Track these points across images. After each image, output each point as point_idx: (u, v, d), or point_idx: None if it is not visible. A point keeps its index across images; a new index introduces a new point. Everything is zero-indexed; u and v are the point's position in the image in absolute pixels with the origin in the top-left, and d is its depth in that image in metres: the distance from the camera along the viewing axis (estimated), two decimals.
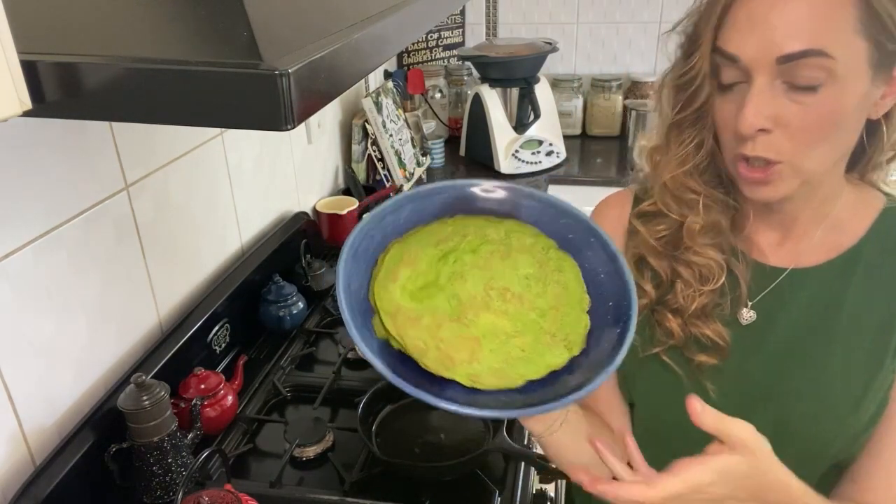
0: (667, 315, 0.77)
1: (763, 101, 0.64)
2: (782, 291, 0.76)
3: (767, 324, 0.76)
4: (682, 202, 0.76)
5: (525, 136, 2.28)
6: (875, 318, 0.72)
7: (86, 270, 1.03)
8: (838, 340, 0.73)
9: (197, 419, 1.07)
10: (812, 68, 0.62)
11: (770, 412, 0.74)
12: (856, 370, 0.72)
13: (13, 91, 0.47)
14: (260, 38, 0.49)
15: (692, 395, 0.61)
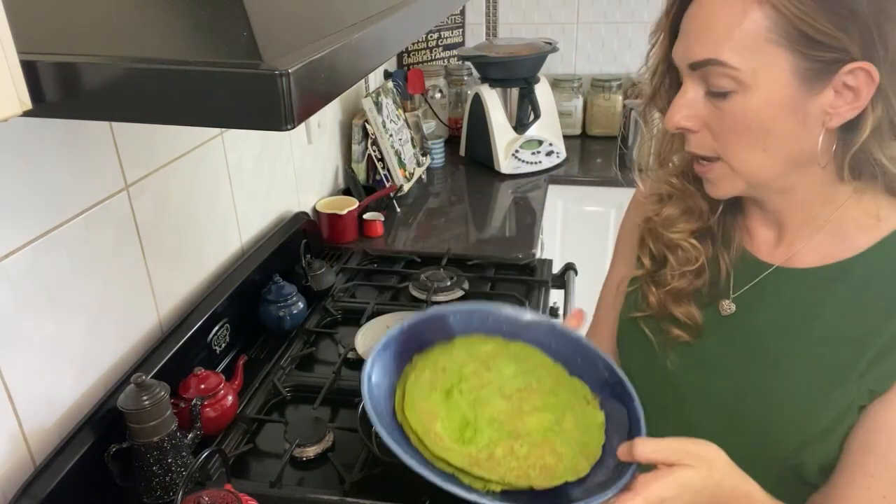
0: (651, 287, 0.83)
1: (685, 103, 0.69)
2: (765, 287, 0.77)
3: (746, 317, 0.78)
4: (664, 193, 0.82)
5: (525, 136, 2.28)
6: (849, 335, 0.71)
7: (86, 270, 1.03)
8: (807, 347, 0.73)
9: (197, 419, 1.07)
10: (718, 76, 0.65)
11: (724, 400, 0.77)
12: (816, 380, 0.72)
13: (13, 91, 0.47)
14: (260, 38, 0.49)
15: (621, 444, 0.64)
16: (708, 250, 0.80)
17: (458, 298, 1.52)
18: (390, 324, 1.40)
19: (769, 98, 0.65)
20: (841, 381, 0.70)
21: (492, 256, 1.72)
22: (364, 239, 1.86)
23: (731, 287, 0.79)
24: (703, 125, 0.70)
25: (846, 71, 0.63)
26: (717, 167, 0.72)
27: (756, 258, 0.79)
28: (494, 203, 2.13)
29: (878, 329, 0.69)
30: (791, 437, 0.72)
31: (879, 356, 0.68)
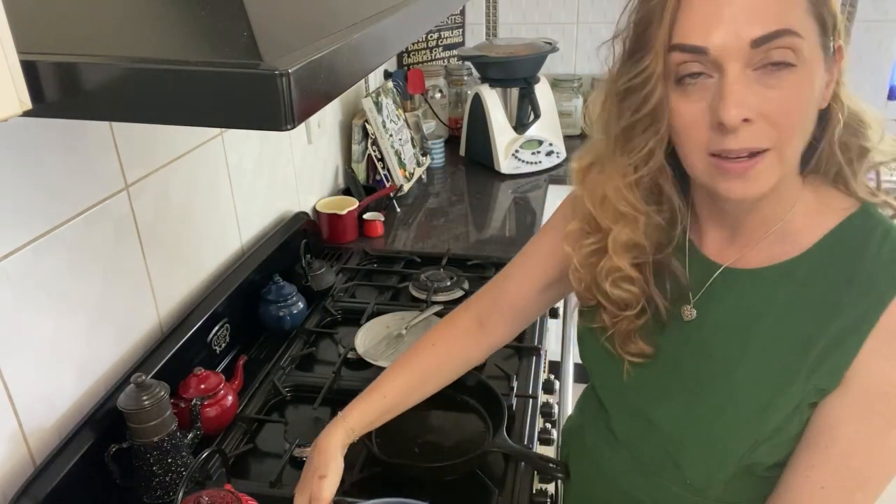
0: (603, 311, 0.80)
1: (741, 90, 0.62)
2: (715, 288, 0.76)
3: (705, 322, 0.77)
4: (618, 214, 0.75)
5: (525, 136, 2.28)
6: (795, 334, 0.70)
7: (86, 270, 1.03)
8: (754, 347, 0.72)
9: (197, 419, 1.07)
10: (784, 50, 0.61)
11: (682, 401, 0.77)
12: (765, 380, 0.71)
13: (13, 91, 0.47)
14: (260, 38, 0.49)
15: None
16: (643, 286, 0.76)
17: (458, 298, 1.52)
18: (390, 324, 1.40)
19: (818, 71, 0.63)
20: (789, 381, 0.69)
21: (492, 256, 1.72)
22: (364, 239, 1.86)
23: (691, 292, 0.77)
24: (758, 113, 0.62)
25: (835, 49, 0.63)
26: (768, 158, 0.64)
27: (707, 258, 0.77)
28: (494, 203, 2.13)
29: (822, 327, 0.68)
30: (744, 437, 0.72)
31: (824, 354, 0.68)
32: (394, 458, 1.05)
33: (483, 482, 1.03)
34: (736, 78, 0.62)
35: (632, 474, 0.84)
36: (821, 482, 0.69)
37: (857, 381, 0.67)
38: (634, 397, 0.81)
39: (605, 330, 0.81)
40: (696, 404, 0.76)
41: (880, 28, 2.44)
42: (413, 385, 0.98)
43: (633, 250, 0.76)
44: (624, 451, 0.85)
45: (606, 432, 0.87)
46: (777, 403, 0.70)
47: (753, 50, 0.61)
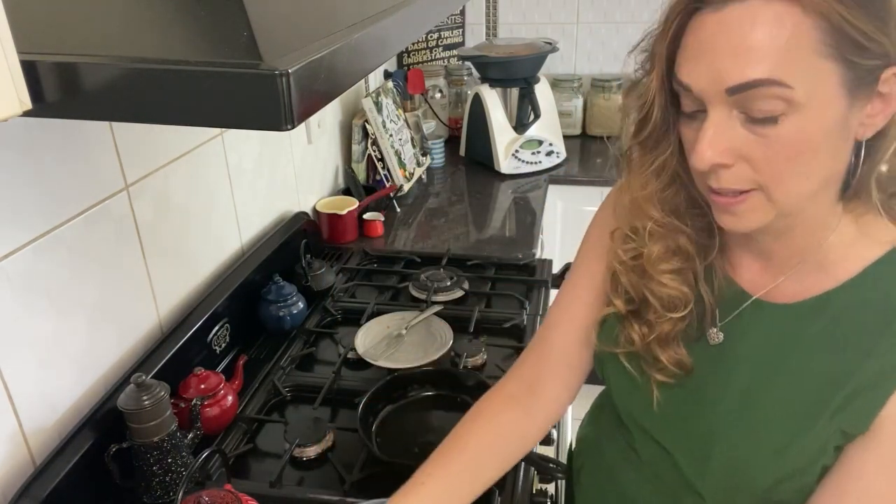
0: (633, 325, 0.76)
1: (718, 135, 0.60)
2: (744, 318, 0.73)
3: (732, 346, 0.74)
4: (642, 229, 0.74)
5: (525, 136, 2.28)
6: (824, 372, 0.67)
7: (86, 270, 1.03)
8: (780, 383, 0.69)
9: (197, 419, 1.07)
10: (767, 99, 0.57)
11: (705, 431, 0.74)
12: (787, 418, 0.69)
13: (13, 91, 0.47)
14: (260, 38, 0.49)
15: None
16: (692, 287, 0.73)
17: (458, 298, 1.52)
18: (390, 324, 1.40)
19: (822, 116, 0.58)
20: (813, 421, 0.67)
21: (492, 256, 1.72)
22: (364, 239, 1.86)
23: (717, 315, 0.75)
24: (739, 157, 0.61)
25: (883, 78, 0.58)
26: (752, 198, 0.63)
27: (739, 286, 0.74)
28: (494, 203, 2.13)
29: (852, 367, 0.65)
30: (766, 474, 0.70)
31: (853, 395, 0.65)
32: (394, 458, 1.05)
33: None
34: (714, 121, 0.60)
35: (654, 496, 0.81)
36: None
37: (887, 431, 0.64)
38: (657, 422, 0.78)
39: (633, 356, 0.77)
40: (718, 436, 0.73)
41: None
42: (457, 470, 0.82)
43: (672, 257, 0.73)
44: (647, 470, 0.81)
45: (628, 450, 0.83)
46: (799, 443, 0.67)
47: (732, 97, 0.58)
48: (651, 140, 0.69)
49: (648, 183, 0.71)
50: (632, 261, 0.76)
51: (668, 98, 0.65)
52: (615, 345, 0.79)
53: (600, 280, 0.82)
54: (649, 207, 0.72)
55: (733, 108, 0.59)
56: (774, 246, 0.70)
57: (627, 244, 0.76)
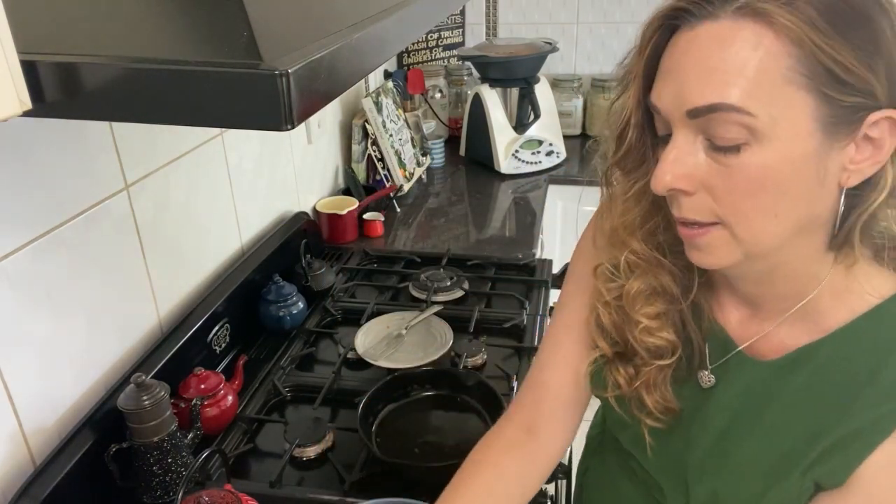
0: (619, 368, 0.73)
1: (679, 159, 0.57)
2: (730, 366, 0.71)
3: (720, 392, 0.71)
4: (624, 262, 0.70)
5: (525, 136, 2.28)
6: (800, 427, 0.65)
7: (86, 270, 1.03)
8: (756, 434, 0.68)
9: (197, 419, 1.07)
10: (727, 125, 0.54)
11: (683, 468, 0.73)
12: (762, 469, 0.67)
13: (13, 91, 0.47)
14: (260, 38, 0.49)
15: None
16: (679, 331, 0.70)
17: (458, 298, 1.52)
18: (390, 324, 1.40)
19: (789, 151, 0.54)
20: (786, 473, 0.65)
21: (492, 256, 1.72)
22: (364, 239, 1.86)
23: (707, 357, 0.72)
24: (700, 185, 0.58)
25: (871, 121, 0.53)
26: (714, 232, 0.59)
27: (726, 333, 0.71)
28: (494, 203, 2.13)
29: (836, 420, 0.63)
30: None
31: (832, 449, 0.63)
32: (394, 458, 1.05)
33: None
34: (677, 144, 0.57)
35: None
36: None
37: (861, 489, 0.62)
38: (653, 467, 0.78)
39: (621, 399, 0.75)
40: (697, 476, 0.72)
41: None
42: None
43: (655, 298, 0.70)
44: (642, 487, 0.81)
45: (627, 464, 0.83)
46: (771, 494, 0.66)
47: (692, 121, 0.56)
48: (629, 162, 0.66)
49: (629, 210, 0.68)
50: (615, 301, 0.72)
51: (645, 119, 0.62)
52: (604, 389, 0.76)
53: (586, 317, 0.78)
54: (629, 237, 0.69)
55: (698, 133, 0.57)
56: (757, 292, 0.67)
57: (611, 283, 0.73)
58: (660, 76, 0.58)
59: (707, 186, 0.57)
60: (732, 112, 0.53)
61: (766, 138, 0.53)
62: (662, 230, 0.68)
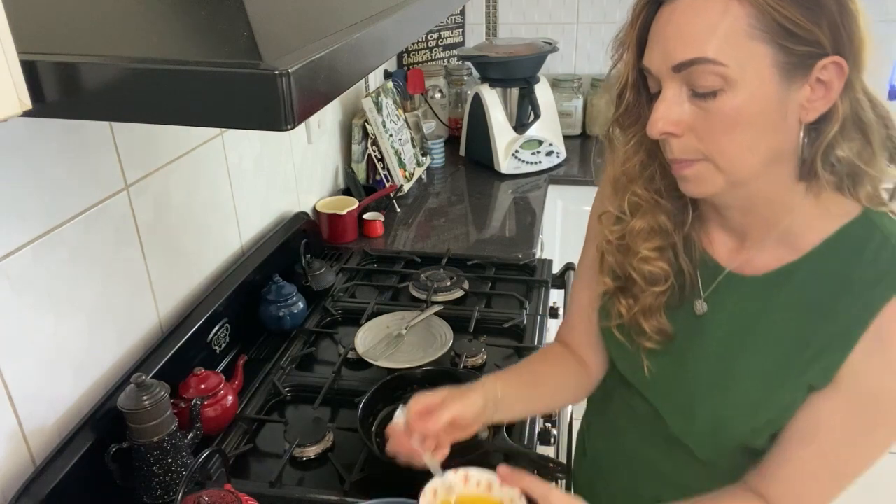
0: (620, 300, 0.85)
1: (668, 108, 0.69)
2: (721, 290, 0.81)
3: (714, 316, 0.81)
4: (627, 204, 0.81)
5: (525, 136, 2.28)
6: (791, 335, 0.74)
7: (86, 270, 1.03)
8: (753, 347, 0.77)
9: (197, 419, 1.07)
10: (706, 75, 0.65)
11: (688, 394, 0.83)
12: (760, 379, 0.77)
13: (13, 91, 0.47)
14: (260, 38, 0.49)
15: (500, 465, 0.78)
16: (672, 263, 0.81)
17: (457, 298, 1.52)
18: (390, 324, 1.40)
19: (755, 93, 0.65)
20: (783, 379, 0.75)
21: (492, 256, 1.72)
22: (364, 239, 1.86)
23: (700, 287, 0.82)
24: (687, 128, 0.69)
25: (821, 66, 0.65)
26: (700, 166, 0.71)
27: (715, 262, 0.81)
28: (494, 203, 2.13)
29: (816, 329, 0.72)
30: (743, 427, 0.78)
31: (817, 354, 0.72)
32: (394, 458, 1.05)
33: None
34: (666, 96, 0.69)
35: (651, 447, 0.90)
36: (811, 470, 0.75)
37: (847, 383, 0.71)
38: (652, 391, 0.87)
39: (622, 327, 0.86)
40: (700, 398, 0.81)
41: (880, 28, 2.44)
42: (530, 389, 0.96)
43: (653, 235, 0.81)
44: (644, 426, 0.90)
45: (627, 408, 0.93)
46: (771, 399, 0.76)
47: (678, 73, 0.67)
48: (628, 118, 0.78)
49: (629, 159, 0.80)
50: (618, 241, 0.84)
51: (640, 80, 0.74)
52: (609, 319, 0.88)
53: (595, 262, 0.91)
54: (631, 183, 0.81)
55: (682, 84, 0.68)
56: (743, 221, 0.78)
57: (615, 225, 0.84)
58: (649, 43, 0.70)
59: (692, 129, 0.69)
60: (709, 64, 0.65)
61: (737, 84, 0.65)
62: (659, 177, 0.79)
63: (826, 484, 0.76)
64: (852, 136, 0.68)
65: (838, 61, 0.65)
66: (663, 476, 0.89)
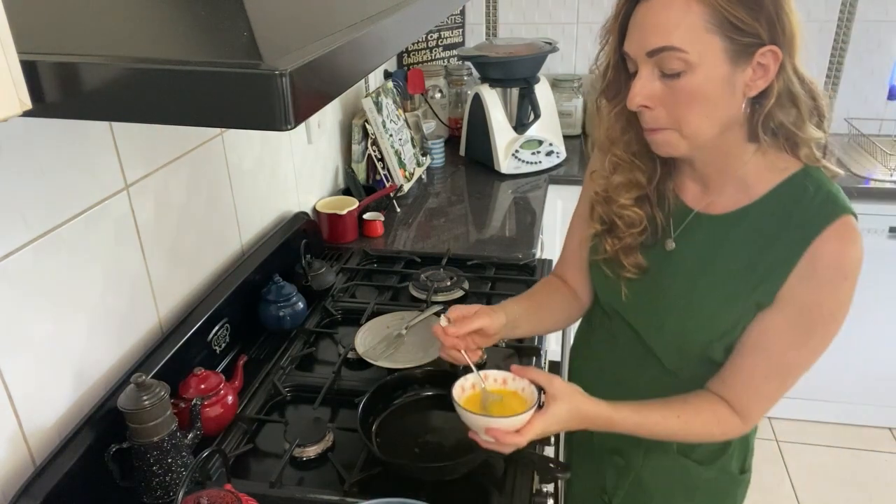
0: (606, 239, 1.03)
1: (643, 85, 0.86)
2: (690, 229, 0.98)
3: (680, 252, 0.99)
4: (609, 163, 1.00)
5: (525, 136, 2.28)
6: (743, 262, 0.92)
7: (86, 270, 1.03)
8: (712, 272, 0.95)
9: (197, 419, 1.07)
10: (672, 60, 0.82)
11: (659, 311, 1.00)
12: (717, 295, 0.94)
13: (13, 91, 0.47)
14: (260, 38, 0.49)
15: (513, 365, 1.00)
16: (647, 211, 0.99)
17: (458, 298, 1.52)
18: (390, 324, 1.40)
19: (709, 74, 0.82)
20: (735, 296, 0.92)
21: (492, 256, 1.72)
22: (364, 239, 1.86)
23: (671, 229, 1.00)
24: (658, 103, 0.87)
25: (760, 53, 0.81)
26: (667, 133, 0.89)
27: (685, 205, 0.99)
28: (494, 203, 2.13)
29: (763, 256, 0.90)
30: (702, 336, 0.96)
31: (764, 276, 0.90)
32: (394, 458, 1.06)
33: (483, 482, 1.03)
34: (642, 75, 0.86)
35: (626, 367, 1.08)
36: (762, 373, 0.93)
37: (788, 300, 0.89)
38: (629, 311, 1.04)
39: (607, 260, 1.04)
40: (669, 313, 0.99)
41: (880, 28, 2.45)
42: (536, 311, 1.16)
43: (631, 188, 0.99)
44: (621, 350, 1.08)
45: (609, 336, 1.11)
46: (726, 314, 0.93)
47: (651, 58, 0.84)
48: (610, 91, 0.95)
49: (612, 126, 0.97)
50: (603, 193, 1.02)
51: (620, 61, 0.91)
52: (597, 254, 1.06)
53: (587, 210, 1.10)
54: (612, 145, 0.99)
55: (654, 66, 0.85)
56: (705, 172, 0.96)
57: (601, 180, 1.03)
58: (629, 33, 0.87)
59: (662, 103, 0.87)
60: (675, 51, 0.82)
61: (696, 67, 0.82)
62: (635, 141, 0.97)
63: (776, 383, 0.94)
64: (786, 107, 0.85)
65: (774, 49, 0.81)
66: (636, 391, 1.02)
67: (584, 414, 0.94)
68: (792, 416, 2.59)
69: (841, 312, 0.89)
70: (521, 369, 0.98)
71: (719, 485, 1.10)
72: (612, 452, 1.14)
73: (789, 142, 0.88)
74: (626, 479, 1.13)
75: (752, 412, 0.96)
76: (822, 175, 0.90)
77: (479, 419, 0.92)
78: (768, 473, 2.40)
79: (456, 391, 0.98)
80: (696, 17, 0.80)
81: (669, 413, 0.97)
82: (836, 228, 0.85)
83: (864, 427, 2.57)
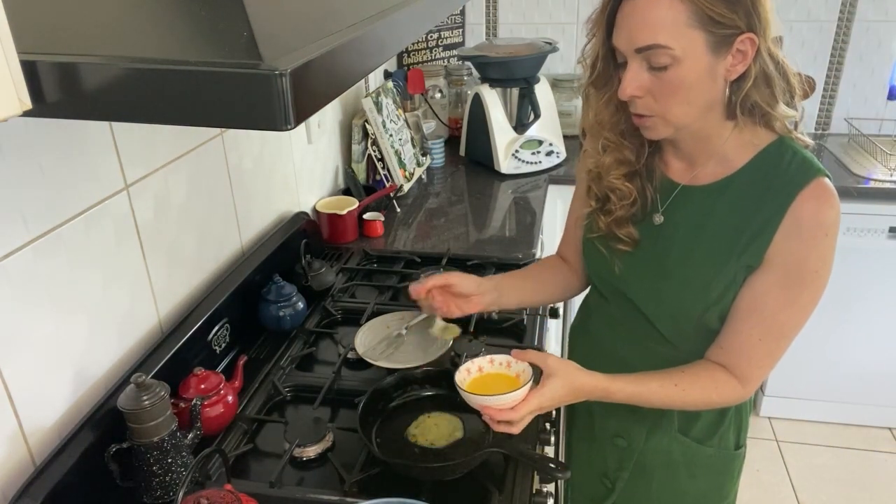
0: (600, 216, 1.09)
1: (633, 77, 0.92)
2: (677, 202, 1.05)
3: (669, 224, 1.05)
4: (600, 145, 1.06)
5: (525, 136, 2.28)
6: (729, 230, 0.98)
7: (86, 270, 1.03)
8: (702, 241, 1.01)
9: (197, 419, 1.07)
10: (659, 55, 0.89)
11: (654, 282, 1.06)
12: (710, 262, 0.99)
13: (13, 91, 0.47)
14: (260, 38, 0.49)
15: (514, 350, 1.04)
16: (637, 186, 1.06)
17: None
18: (390, 324, 1.40)
19: (693, 66, 0.89)
20: (725, 261, 0.98)
21: (492, 256, 1.72)
22: (364, 239, 1.86)
23: (658, 204, 1.06)
24: (646, 92, 0.93)
25: (739, 41, 0.88)
26: (654, 120, 0.96)
27: (671, 180, 1.06)
28: (494, 203, 2.13)
29: (748, 222, 0.96)
30: (696, 304, 1.01)
31: (750, 240, 0.96)
32: (394, 458, 1.05)
33: (483, 482, 1.03)
34: (632, 68, 0.93)
35: (626, 344, 1.13)
36: (757, 335, 0.98)
37: (775, 260, 0.95)
38: (623, 285, 1.09)
39: (601, 237, 1.10)
40: (664, 284, 1.04)
41: (880, 28, 2.45)
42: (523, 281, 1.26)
43: (621, 165, 1.05)
44: (620, 327, 1.13)
45: (607, 317, 1.16)
46: (718, 278, 0.99)
47: (639, 54, 0.91)
48: (600, 81, 1.02)
49: (601, 112, 1.04)
50: (595, 170, 1.09)
51: (609, 53, 0.97)
52: (591, 232, 1.12)
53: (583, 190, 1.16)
54: (602, 129, 1.05)
55: (643, 61, 0.91)
56: (689, 148, 1.03)
57: (595, 157, 1.09)
58: (616, 27, 0.93)
59: (650, 92, 0.93)
60: (662, 48, 0.88)
61: (681, 60, 0.89)
62: (623, 124, 1.03)
63: (771, 345, 0.99)
64: (761, 87, 0.93)
65: (751, 37, 0.88)
66: (633, 368, 1.05)
67: (578, 386, 0.97)
68: (792, 416, 2.59)
69: (825, 269, 0.95)
70: (520, 353, 1.02)
71: (717, 461, 1.15)
72: (615, 435, 1.18)
73: (764, 118, 0.96)
74: (630, 461, 1.17)
75: (751, 376, 1.00)
76: (795, 144, 0.97)
77: (475, 398, 0.96)
78: (768, 473, 2.40)
79: (460, 374, 1.02)
80: (679, 13, 0.87)
81: (667, 381, 1.01)
82: (812, 189, 0.92)
83: (864, 427, 2.57)
